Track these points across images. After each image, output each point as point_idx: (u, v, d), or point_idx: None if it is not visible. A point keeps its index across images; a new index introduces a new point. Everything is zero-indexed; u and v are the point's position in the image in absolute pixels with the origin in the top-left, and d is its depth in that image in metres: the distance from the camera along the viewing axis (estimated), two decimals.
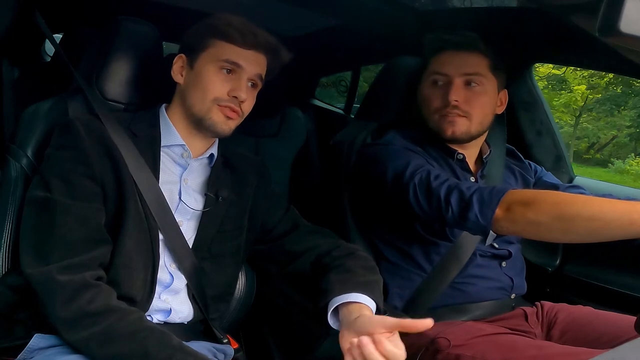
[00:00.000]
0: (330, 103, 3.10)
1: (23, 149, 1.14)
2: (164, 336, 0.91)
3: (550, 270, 1.68)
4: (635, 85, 13.30)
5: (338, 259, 1.14)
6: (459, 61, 1.33)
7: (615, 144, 15.03)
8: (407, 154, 1.30)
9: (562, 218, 1.03)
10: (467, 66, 1.33)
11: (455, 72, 1.33)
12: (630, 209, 0.99)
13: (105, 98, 1.21)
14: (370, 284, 1.07)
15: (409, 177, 1.23)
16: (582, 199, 1.06)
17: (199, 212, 1.13)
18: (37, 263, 0.95)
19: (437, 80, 1.35)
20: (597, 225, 1.01)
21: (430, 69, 1.37)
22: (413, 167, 1.25)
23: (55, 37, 1.48)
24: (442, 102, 1.33)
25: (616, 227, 1.00)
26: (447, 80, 1.34)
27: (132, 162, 1.05)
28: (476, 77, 1.33)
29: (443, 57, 1.36)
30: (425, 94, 1.37)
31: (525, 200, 1.06)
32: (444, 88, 1.34)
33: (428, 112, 1.37)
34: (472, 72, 1.33)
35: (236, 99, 1.09)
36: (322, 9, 1.95)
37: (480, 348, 1.18)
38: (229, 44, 1.10)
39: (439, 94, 1.34)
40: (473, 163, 1.43)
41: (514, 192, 1.10)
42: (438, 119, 1.34)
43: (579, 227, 1.03)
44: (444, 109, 1.33)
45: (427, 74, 1.38)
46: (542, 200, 1.05)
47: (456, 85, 1.32)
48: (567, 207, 1.03)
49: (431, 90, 1.36)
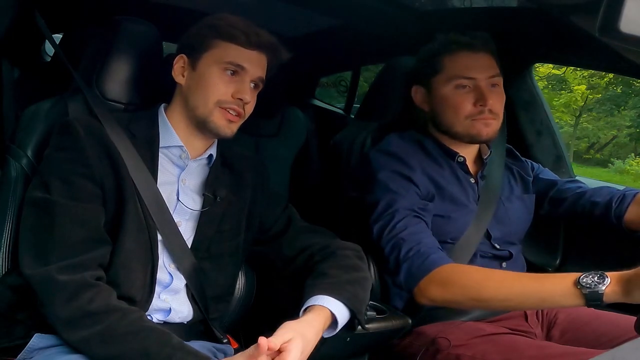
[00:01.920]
0: (330, 103, 3.10)
1: (23, 149, 1.14)
2: (164, 335, 0.90)
3: (550, 270, 1.68)
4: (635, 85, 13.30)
5: (318, 261, 1.14)
6: (481, 63, 1.32)
7: (615, 144, 15.02)
8: (390, 186, 1.29)
9: (477, 299, 1.14)
10: (489, 68, 1.32)
11: (481, 76, 1.31)
12: (539, 288, 1.07)
13: (105, 98, 1.21)
14: (338, 284, 1.06)
15: (375, 219, 1.28)
16: (495, 280, 1.14)
17: (197, 212, 1.13)
18: (36, 263, 0.95)
19: (462, 85, 1.32)
20: (511, 304, 1.14)
21: (450, 72, 1.33)
22: (381, 209, 1.27)
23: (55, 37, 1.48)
24: (477, 108, 1.30)
25: (529, 305, 1.18)
26: (474, 85, 1.31)
27: (131, 163, 1.05)
28: (496, 79, 1.33)
29: (461, 59, 1.33)
30: (452, 100, 1.33)
31: (444, 282, 1.16)
32: (474, 92, 1.31)
33: (456, 117, 1.33)
34: (494, 73, 1.33)
35: (240, 100, 1.09)
36: (322, 9, 1.95)
37: (481, 348, 1.18)
38: (233, 45, 1.09)
39: (469, 98, 1.31)
40: (473, 164, 1.43)
41: (436, 272, 1.17)
42: (471, 123, 1.32)
43: (495, 306, 1.19)
44: (480, 114, 1.30)
45: (444, 77, 1.34)
46: (458, 284, 1.15)
47: (487, 89, 1.31)
48: (481, 291, 1.12)
49: (458, 95, 1.32)
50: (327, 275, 1.08)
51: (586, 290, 1.00)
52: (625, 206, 1.37)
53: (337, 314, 1.02)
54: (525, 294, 1.09)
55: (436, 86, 1.36)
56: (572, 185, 1.48)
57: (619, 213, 1.37)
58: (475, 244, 1.33)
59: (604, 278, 1.00)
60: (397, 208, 1.26)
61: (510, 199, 1.43)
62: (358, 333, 1.08)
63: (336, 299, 1.02)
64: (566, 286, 1.02)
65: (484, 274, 1.17)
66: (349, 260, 1.14)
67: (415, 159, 1.34)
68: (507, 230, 1.39)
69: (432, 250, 1.21)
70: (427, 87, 1.38)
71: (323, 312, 1.01)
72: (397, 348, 1.31)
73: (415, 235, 1.23)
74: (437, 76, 1.35)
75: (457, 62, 1.33)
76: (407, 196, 1.28)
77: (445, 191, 1.33)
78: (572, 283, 1.01)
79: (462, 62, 1.32)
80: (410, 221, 1.25)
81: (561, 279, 1.04)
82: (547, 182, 1.50)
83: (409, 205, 1.27)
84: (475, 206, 1.36)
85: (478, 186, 1.39)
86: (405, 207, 1.26)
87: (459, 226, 1.32)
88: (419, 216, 1.27)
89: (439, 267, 1.17)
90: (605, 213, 1.39)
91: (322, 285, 1.05)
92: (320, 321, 0.99)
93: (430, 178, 1.33)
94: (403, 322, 1.18)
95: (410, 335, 1.30)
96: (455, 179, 1.37)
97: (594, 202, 1.41)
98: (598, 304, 1.01)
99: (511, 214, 1.41)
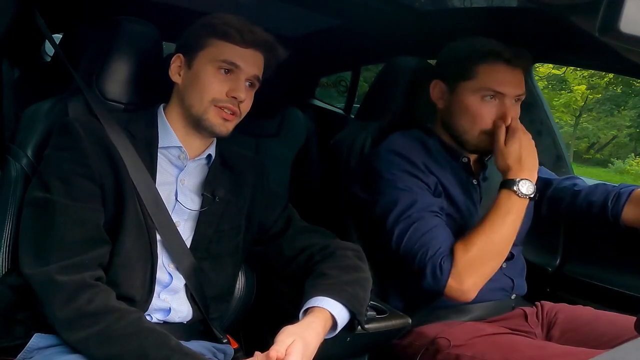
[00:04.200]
0: (330, 103, 3.10)
1: (23, 149, 1.14)
2: (163, 337, 0.90)
3: (550, 270, 1.68)
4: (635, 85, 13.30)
5: (318, 262, 1.14)
6: (514, 80, 1.29)
7: (615, 144, 15.03)
8: (399, 185, 1.27)
9: (499, 253, 1.24)
10: (520, 86, 1.30)
11: (511, 92, 1.28)
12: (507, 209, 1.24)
13: (105, 98, 1.21)
14: (338, 285, 1.05)
15: (393, 223, 1.26)
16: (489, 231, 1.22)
17: (195, 212, 1.13)
18: (36, 263, 0.95)
19: (488, 96, 1.29)
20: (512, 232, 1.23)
21: (482, 82, 1.28)
22: (398, 212, 1.26)
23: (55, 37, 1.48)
24: (495, 123, 1.28)
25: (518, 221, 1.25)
26: (501, 98, 1.29)
27: (131, 163, 1.05)
28: (522, 96, 1.31)
29: (498, 72, 1.28)
30: (475, 110, 1.30)
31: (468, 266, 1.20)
32: (498, 107, 1.29)
33: (472, 127, 1.31)
34: (522, 92, 1.31)
35: (235, 99, 1.09)
36: (322, 9, 1.95)
37: (480, 348, 1.18)
38: (228, 43, 1.10)
39: (492, 113, 1.29)
40: (474, 165, 1.42)
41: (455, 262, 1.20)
42: (485, 137, 1.30)
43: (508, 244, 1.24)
44: (496, 129, 1.28)
45: (474, 85, 1.29)
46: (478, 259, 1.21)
47: (511, 106, 1.29)
48: (494, 243, 1.22)
49: (483, 106, 1.29)
50: (327, 275, 1.08)
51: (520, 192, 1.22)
52: (621, 206, 1.37)
53: (336, 315, 1.01)
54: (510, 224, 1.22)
55: (462, 91, 1.31)
56: (568, 184, 1.48)
57: (615, 213, 1.37)
58: None
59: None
60: (417, 209, 1.25)
61: None
62: (358, 333, 1.08)
63: (336, 300, 1.02)
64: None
65: (482, 235, 1.22)
66: (349, 261, 1.13)
67: (420, 158, 1.32)
68: None
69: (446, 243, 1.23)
70: (450, 86, 1.34)
71: (323, 314, 1.00)
72: (397, 348, 1.31)
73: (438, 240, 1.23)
74: (466, 81, 1.30)
75: (492, 74, 1.28)
76: (423, 195, 1.28)
77: (450, 191, 1.33)
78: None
79: (497, 76, 1.28)
80: (432, 221, 1.25)
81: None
82: (543, 180, 1.49)
83: (427, 205, 1.26)
84: (477, 208, 1.36)
85: (480, 188, 1.39)
86: (424, 208, 1.26)
87: (462, 228, 1.32)
88: (438, 215, 1.27)
89: (455, 258, 1.20)
90: (602, 212, 1.39)
91: (322, 286, 1.05)
92: (320, 323, 0.99)
93: (436, 177, 1.32)
94: (403, 322, 1.18)
95: (410, 335, 1.30)
96: (457, 180, 1.36)
97: (591, 202, 1.41)
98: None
99: None
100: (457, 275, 1.19)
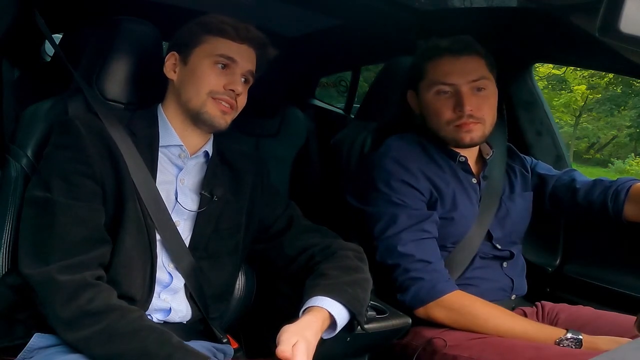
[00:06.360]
0: (330, 103, 3.10)
1: (23, 149, 1.14)
2: (164, 335, 0.90)
3: (550, 270, 1.68)
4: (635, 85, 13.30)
5: (319, 262, 1.15)
6: (462, 68, 1.31)
7: (615, 144, 15.03)
8: (393, 199, 1.28)
9: (481, 328, 1.22)
10: (471, 72, 1.31)
11: (461, 81, 1.30)
12: (533, 333, 1.19)
13: (106, 98, 1.21)
14: (338, 285, 1.06)
15: (378, 236, 1.28)
16: (499, 317, 1.22)
17: (194, 212, 1.13)
18: (36, 263, 0.94)
19: (443, 91, 1.32)
20: (506, 336, 1.20)
21: (431, 78, 1.33)
22: (384, 225, 1.27)
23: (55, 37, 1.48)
24: (456, 114, 1.30)
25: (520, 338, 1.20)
26: (454, 90, 1.31)
27: (132, 162, 1.05)
28: (482, 82, 1.32)
29: (443, 64, 1.32)
30: (433, 106, 1.33)
31: (451, 308, 1.23)
32: (453, 98, 1.31)
33: (438, 123, 1.33)
34: (478, 77, 1.31)
35: (232, 92, 1.11)
36: (322, 9, 1.95)
37: (478, 349, 1.18)
38: (223, 39, 1.12)
39: (448, 104, 1.31)
40: (474, 164, 1.42)
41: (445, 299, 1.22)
42: (453, 129, 1.32)
43: (492, 334, 1.22)
44: (459, 120, 1.30)
45: (427, 82, 1.34)
46: (465, 313, 1.22)
47: (467, 95, 1.30)
48: (487, 323, 1.21)
49: (438, 101, 1.32)
50: (327, 276, 1.08)
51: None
52: (621, 204, 1.36)
53: (336, 315, 1.02)
54: (521, 333, 1.20)
55: (421, 92, 1.37)
56: (567, 178, 1.47)
57: (616, 211, 1.37)
58: (476, 246, 1.33)
59: (579, 344, 1.16)
60: (401, 225, 1.26)
61: (511, 198, 1.42)
62: (358, 333, 1.08)
63: (335, 300, 1.02)
64: (548, 339, 1.18)
65: (489, 310, 1.23)
66: (350, 262, 1.14)
67: (416, 163, 1.33)
68: (509, 230, 1.39)
69: (441, 276, 1.24)
70: (416, 91, 1.39)
71: (321, 314, 1.00)
72: (397, 348, 1.31)
73: (423, 256, 1.25)
74: (421, 82, 1.36)
75: (437, 67, 1.33)
76: (412, 207, 1.28)
77: (447, 194, 1.33)
78: (553, 341, 1.18)
79: (442, 68, 1.32)
80: (416, 238, 1.26)
81: (550, 332, 1.20)
82: (543, 177, 1.50)
83: (414, 219, 1.27)
84: (476, 207, 1.36)
85: (480, 187, 1.39)
86: (410, 223, 1.26)
87: (461, 228, 1.32)
88: (424, 230, 1.27)
89: (448, 295, 1.23)
90: (603, 211, 1.39)
91: (322, 286, 1.05)
92: (319, 322, 0.99)
93: (432, 182, 1.32)
94: (403, 322, 1.18)
95: (408, 334, 1.30)
96: (456, 180, 1.36)
97: (590, 202, 1.41)
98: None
99: (512, 213, 1.40)
100: (435, 307, 1.23)
